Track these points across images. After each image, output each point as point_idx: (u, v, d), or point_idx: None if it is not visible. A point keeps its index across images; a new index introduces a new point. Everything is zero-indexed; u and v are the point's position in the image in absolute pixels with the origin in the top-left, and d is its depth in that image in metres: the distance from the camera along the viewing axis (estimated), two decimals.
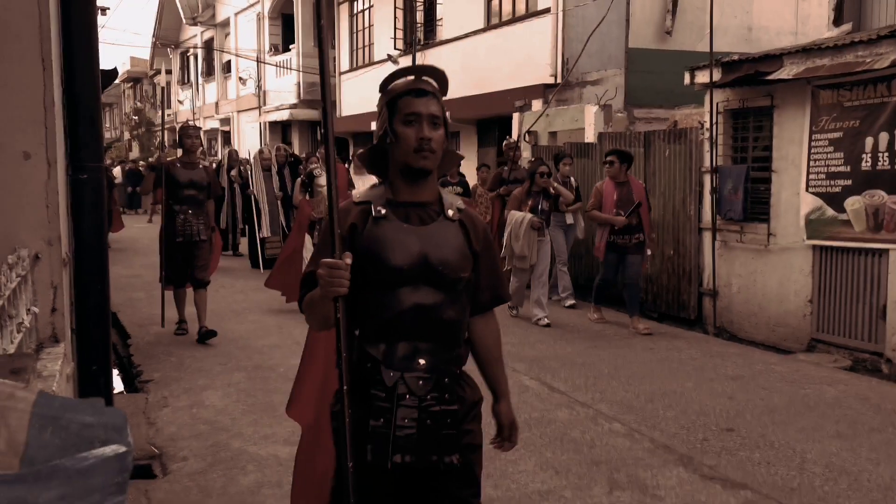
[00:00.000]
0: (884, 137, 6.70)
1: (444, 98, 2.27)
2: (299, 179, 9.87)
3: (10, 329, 1.75)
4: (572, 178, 9.60)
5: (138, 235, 17.38)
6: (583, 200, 9.22)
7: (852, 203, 6.99)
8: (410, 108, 2.17)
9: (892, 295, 6.68)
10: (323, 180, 9.10)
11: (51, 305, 2.18)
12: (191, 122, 11.65)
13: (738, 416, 5.27)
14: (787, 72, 7.29)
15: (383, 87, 2.28)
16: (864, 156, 6.90)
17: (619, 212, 7.92)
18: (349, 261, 1.98)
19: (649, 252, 8.28)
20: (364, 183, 9.59)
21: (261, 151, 12.82)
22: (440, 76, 2.28)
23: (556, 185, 8.78)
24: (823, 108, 7.27)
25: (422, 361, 2.14)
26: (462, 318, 2.25)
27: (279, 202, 12.32)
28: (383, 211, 2.19)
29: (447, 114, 2.28)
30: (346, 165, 10.48)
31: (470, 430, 2.24)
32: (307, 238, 9.12)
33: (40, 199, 2.18)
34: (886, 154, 6.70)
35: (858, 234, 6.98)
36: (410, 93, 2.20)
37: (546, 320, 8.26)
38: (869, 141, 6.86)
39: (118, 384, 6.67)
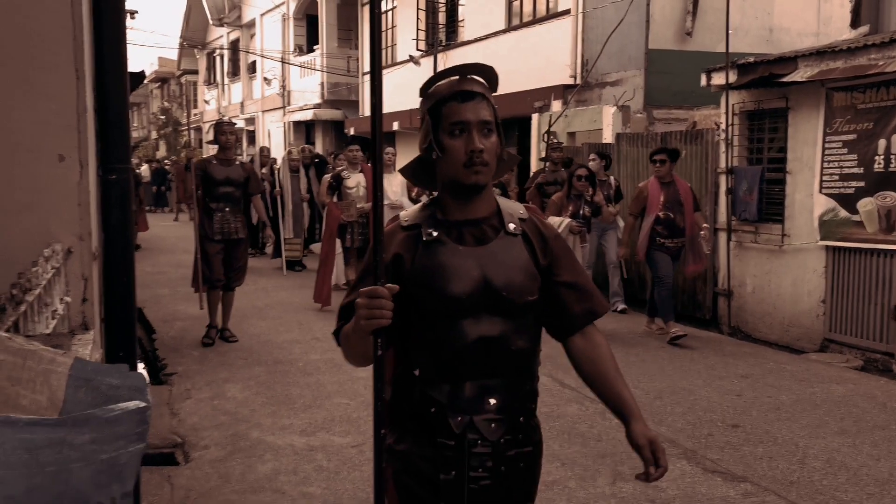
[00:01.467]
0: None
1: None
2: (325, 179, 9.72)
3: (46, 315, 1.93)
4: (612, 178, 9.15)
5: (164, 234, 17.72)
6: (624, 198, 8.83)
7: (865, 204, 7.05)
8: (457, 115, 1.88)
9: None
10: (351, 182, 9.04)
11: (81, 296, 2.37)
12: (225, 118, 11.50)
13: (744, 413, 5.37)
14: (801, 74, 7.35)
15: (424, 90, 1.98)
16: (876, 158, 6.95)
17: (668, 214, 7.44)
18: (393, 287, 1.72)
19: (705, 247, 7.67)
20: (391, 183, 9.46)
21: (290, 152, 12.86)
22: (489, 73, 1.97)
23: (599, 199, 8.11)
24: (837, 109, 7.33)
25: (492, 401, 1.89)
26: (534, 346, 1.98)
27: (305, 204, 12.37)
28: (434, 233, 1.91)
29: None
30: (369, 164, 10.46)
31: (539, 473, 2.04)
32: (338, 242, 9.16)
33: (73, 197, 2.36)
34: None
35: (871, 235, 7.04)
36: (456, 97, 1.90)
37: None
38: (882, 143, 6.91)
39: (144, 375, 6.91)
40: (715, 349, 7.40)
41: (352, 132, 22.23)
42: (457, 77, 1.95)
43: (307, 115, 24.95)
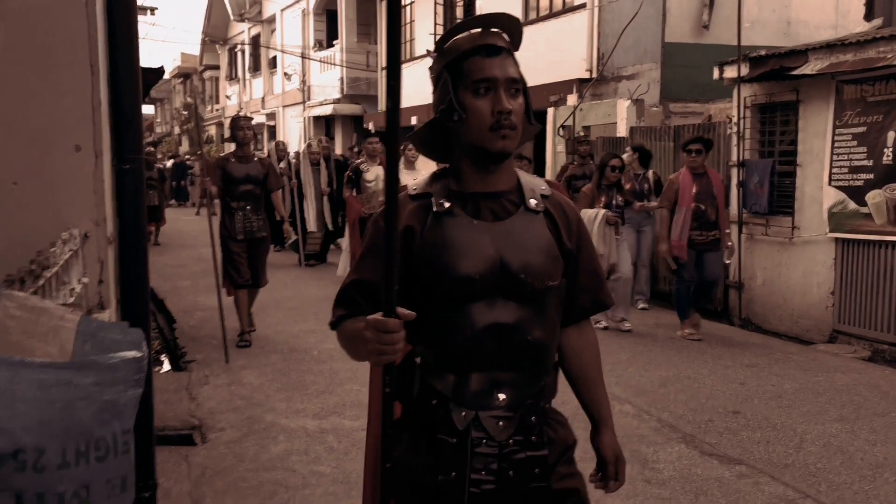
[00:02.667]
0: None
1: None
2: (346, 175, 9.57)
3: (64, 292, 2.09)
4: (652, 171, 8.80)
5: (185, 228, 17.98)
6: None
7: (873, 196, 7.10)
8: (482, 71, 1.66)
9: None
10: (370, 175, 8.95)
11: (98, 277, 2.53)
12: (243, 114, 11.36)
13: (746, 401, 5.47)
14: (811, 67, 7.40)
15: (440, 45, 1.75)
16: (885, 150, 7.00)
17: (700, 206, 7.13)
18: (407, 314, 1.51)
19: (731, 244, 7.50)
20: (412, 178, 9.70)
21: (309, 145, 12.75)
22: (513, 25, 1.73)
23: (625, 189, 7.83)
24: (847, 102, 7.38)
25: (501, 396, 1.69)
26: (552, 338, 1.78)
27: (326, 197, 12.27)
28: (447, 204, 1.72)
29: None
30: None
31: (566, 473, 1.80)
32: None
33: (89, 185, 2.53)
34: None
35: (879, 227, 7.08)
36: (479, 51, 1.68)
37: (627, 325, 7.62)
38: (891, 135, 6.95)
39: (165, 364, 7.13)
40: (724, 340, 7.48)
41: (371, 127, 22.42)
42: (479, 30, 1.71)
43: (327, 110, 25.18)
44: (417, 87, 19.53)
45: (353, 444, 4.71)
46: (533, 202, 1.77)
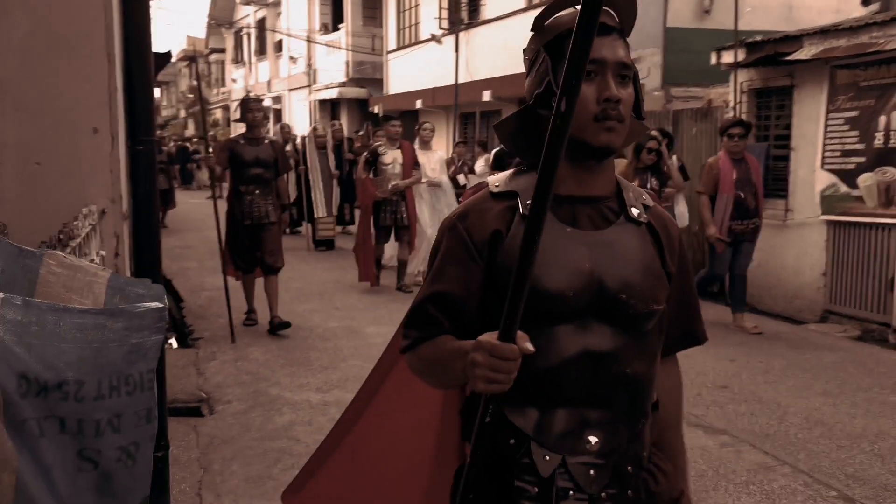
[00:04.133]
0: None
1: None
2: (363, 157, 9.24)
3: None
4: (675, 157, 8.19)
5: (191, 211, 18.19)
6: (690, 178, 7.95)
7: (865, 180, 7.25)
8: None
9: None
10: (388, 158, 8.68)
11: (114, 251, 2.73)
12: (252, 95, 10.36)
13: (734, 376, 5.67)
14: (805, 52, 7.54)
15: (539, 23, 1.54)
16: (877, 134, 7.14)
17: (739, 194, 6.87)
18: (528, 347, 1.28)
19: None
20: (429, 160, 9.30)
21: (315, 129, 12.56)
22: (626, 3, 1.50)
23: (670, 163, 7.42)
24: (840, 87, 7.52)
25: (593, 439, 1.45)
26: (652, 373, 1.55)
27: (335, 181, 12.16)
28: None
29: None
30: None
31: None
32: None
33: (105, 165, 2.72)
34: None
35: (870, 210, 7.24)
36: None
37: None
38: (882, 119, 7.10)
39: (173, 341, 7.34)
40: (718, 320, 7.66)
41: (376, 110, 22.55)
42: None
43: (332, 94, 25.31)
44: (422, 71, 19.64)
45: None
46: (636, 212, 1.54)
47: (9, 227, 2.07)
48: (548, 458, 1.44)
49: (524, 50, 1.58)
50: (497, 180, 1.55)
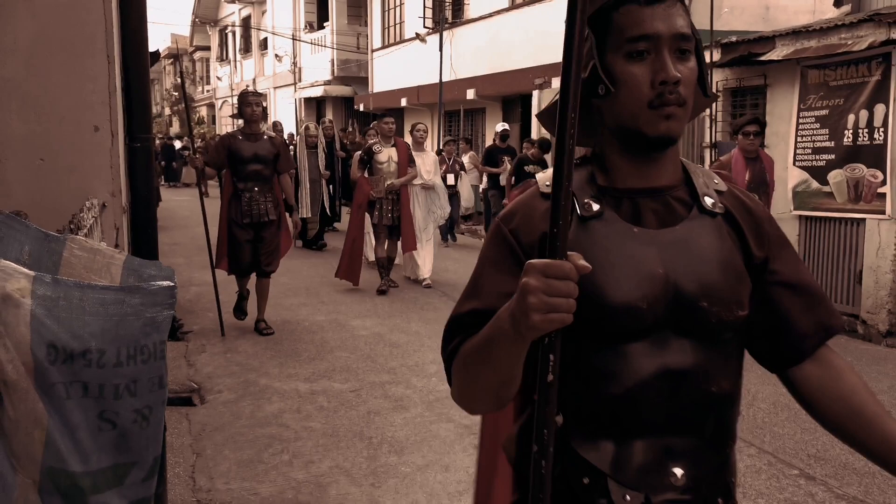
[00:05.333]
0: (864, 115, 7.19)
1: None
2: (357, 155, 9.16)
3: None
4: None
5: (177, 209, 18.29)
6: None
7: (835, 176, 7.50)
8: (639, 25, 1.24)
9: (868, 261, 7.21)
10: (383, 156, 8.55)
11: (114, 242, 2.89)
12: (250, 88, 9.94)
13: None
14: (777, 53, 7.78)
15: None
16: (846, 132, 7.39)
17: (753, 194, 6.57)
18: (584, 264, 1.08)
19: None
20: (424, 162, 9.24)
21: (307, 127, 12.34)
22: None
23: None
24: (811, 87, 7.76)
25: (678, 472, 1.27)
26: (738, 389, 1.38)
27: (324, 181, 12.06)
28: (595, 206, 1.30)
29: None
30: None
31: None
32: (367, 218, 8.74)
33: (106, 161, 2.88)
34: (866, 130, 7.19)
35: (840, 205, 7.49)
36: None
37: None
38: (851, 118, 7.34)
39: None
40: None
41: (362, 108, 22.70)
42: None
43: (318, 92, 25.44)
44: (407, 70, 19.80)
45: (341, 403, 5.11)
46: (709, 201, 1.33)
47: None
48: (628, 497, 1.25)
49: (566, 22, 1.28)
50: (547, 178, 1.32)
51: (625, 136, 1.30)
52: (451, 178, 12.26)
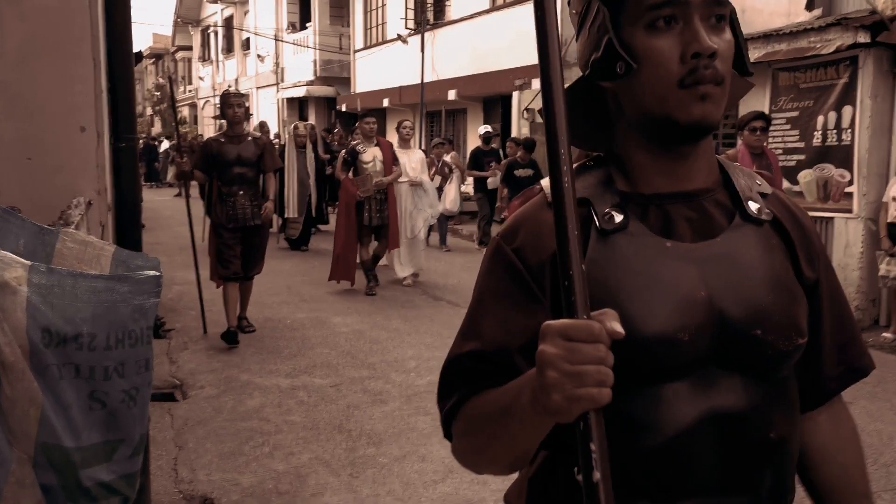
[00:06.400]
0: (832, 116, 7.40)
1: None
2: (341, 156, 9.01)
3: None
4: None
5: (160, 209, 18.30)
6: None
7: (805, 176, 7.70)
8: None
9: (836, 259, 7.40)
10: (367, 156, 8.40)
11: (100, 238, 3.01)
12: (232, 89, 9.66)
13: None
14: (749, 56, 7.95)
15: None
16: (816, 133, 7.59)
17: None
18: (616, 328, 0.83)
19: None
20: (410, 159, 9.19)
21: (296, 127, 12.19)
22: None
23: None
24: (782, 89, 7.96)
25: None
26: (798, 429, 1.12)
27: (312, 182, 12.00)
28: (618, 218, 1.06)
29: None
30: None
31: None
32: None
33: (92, 160, 2.99)
34: (835, 131, 7.40)
35: (810, 204, 7.68)
36: None
37: None
38: (820, 119, 7.55)
39: None
40: None
41: (344, 108, 22.78)
42: None
43: (300, 92, 25.50)
44: (389, 70, 19.89)
45: (322, 398, 5.22)
46: (754, 206, 1.10)
47: None
48: None
49: (569, 2, 1.15)
50: (546, 183, 1.04)
51: (650, 127, 1.05)
52: (438, 181, 12.28)
